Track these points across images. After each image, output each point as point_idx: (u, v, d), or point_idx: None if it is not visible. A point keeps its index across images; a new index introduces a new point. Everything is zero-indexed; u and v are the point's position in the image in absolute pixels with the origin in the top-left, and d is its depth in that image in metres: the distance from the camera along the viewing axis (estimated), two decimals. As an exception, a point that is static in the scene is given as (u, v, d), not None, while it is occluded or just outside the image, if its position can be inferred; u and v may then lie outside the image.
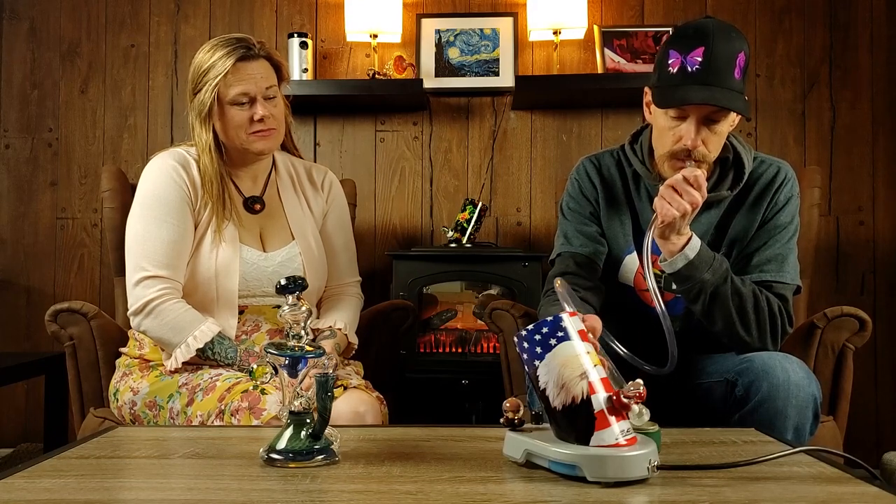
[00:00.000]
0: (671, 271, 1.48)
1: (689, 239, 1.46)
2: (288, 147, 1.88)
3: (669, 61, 1.46)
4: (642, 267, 1.60)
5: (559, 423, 1.01)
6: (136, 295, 1.63)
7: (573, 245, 1.66)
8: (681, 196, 1.40)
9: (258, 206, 1.77)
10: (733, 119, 1.52)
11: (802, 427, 1.38)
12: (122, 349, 1.79)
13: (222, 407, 1.52)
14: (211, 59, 1.65)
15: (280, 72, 1.73)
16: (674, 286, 1.52)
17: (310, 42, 2.73)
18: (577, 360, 1.00)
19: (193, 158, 1.72)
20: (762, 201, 1.59)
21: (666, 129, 1.50)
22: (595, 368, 1.01)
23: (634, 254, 1.65)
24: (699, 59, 1.41)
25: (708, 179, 1.53)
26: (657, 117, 1.53)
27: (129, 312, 1.65)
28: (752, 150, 1.63)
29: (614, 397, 0.98)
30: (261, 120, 1.66)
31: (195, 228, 1.69)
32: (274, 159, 1.84)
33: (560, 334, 1.01)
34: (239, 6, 2.91)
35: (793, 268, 1.57)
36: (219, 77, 1.63)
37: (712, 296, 1.47)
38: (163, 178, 1.68)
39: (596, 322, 1.24)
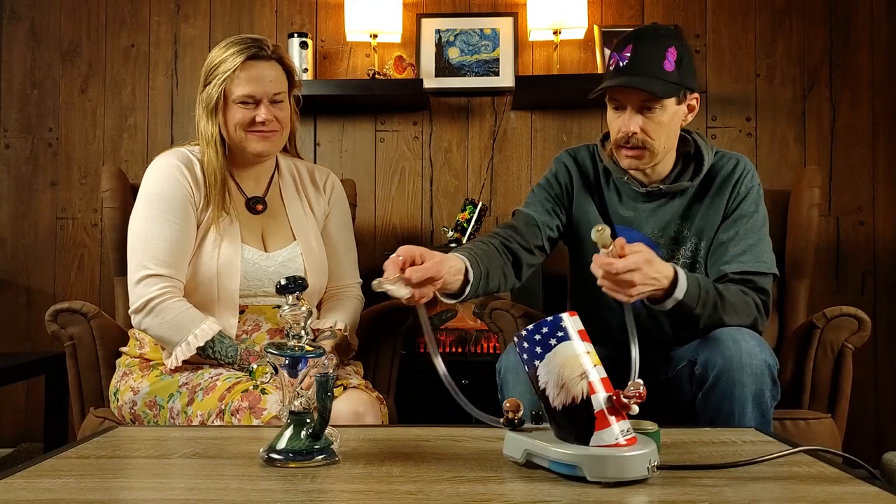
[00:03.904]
0: (663, 311, 1.49)
1: (675, 277, 1.43)
2: (289, 150, 1.88)
3: (609, 61, 1.62)
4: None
5: (559, 423, 1.01)
6: (137, 293, 1.63)
7: (529, 208, 1.75)
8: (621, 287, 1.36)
9: (260, 207, 1.78)
10: (676, 108, 1.59)
11: (761, 393, 1.42)
12: (123, 349, 1.80)
13: (222, 406, 1.52)
14: (223, 55, 1.67)
15: (291, 77, 1.74)
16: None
17: (310, 42, 2.73)
18: (577, 360, 1.00)
19: (197, 158, 1.73)
20: (724, 192, 1.66)
21: (612, 121, 1.64)
22: (595, 368, 1.01)
23: None
24: (628, 55, 1.56)
25: (671, 172, 1.68)
26: (608, 113, 1.67)
27: (130, 311, 1.65)
28: (713, 147, 1.72)
29: (614, 397, 0.99)
30: (262, 122, 1.67)
31: (197, 228, 1.69)
32: (277, 161, 1.85)
33: (560, 334, 1.01)
34: (239, 6, 2.91)
35: (768, 256, 1.62)
36: (227, 73, 1.65)
37: (705, 326, 1.51)
38: (166, 177, 1.69)
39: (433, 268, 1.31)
